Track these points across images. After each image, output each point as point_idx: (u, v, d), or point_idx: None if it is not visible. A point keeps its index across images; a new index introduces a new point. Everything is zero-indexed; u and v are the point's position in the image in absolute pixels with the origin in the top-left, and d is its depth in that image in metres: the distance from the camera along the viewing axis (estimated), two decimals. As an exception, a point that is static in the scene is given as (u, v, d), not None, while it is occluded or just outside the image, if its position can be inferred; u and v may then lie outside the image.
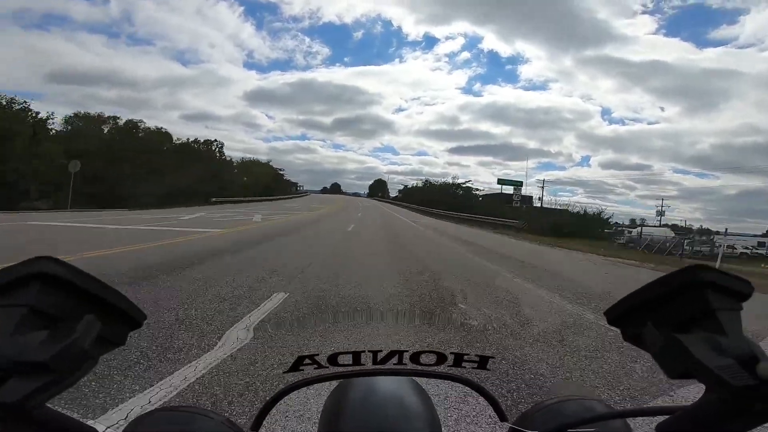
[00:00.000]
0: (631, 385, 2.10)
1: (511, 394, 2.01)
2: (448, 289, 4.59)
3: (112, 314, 0.28)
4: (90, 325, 0.25)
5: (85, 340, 0.24)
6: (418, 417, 0.44)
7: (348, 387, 0.49)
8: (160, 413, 0.39)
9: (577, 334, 2.95)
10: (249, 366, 2.28)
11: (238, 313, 3.15)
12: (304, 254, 6.83)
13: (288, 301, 3.62)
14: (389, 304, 3.75)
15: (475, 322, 3.24)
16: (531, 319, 3.41)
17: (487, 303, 4.03)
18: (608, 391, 2.04)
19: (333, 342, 2.67)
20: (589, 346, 2.62)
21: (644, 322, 0.29)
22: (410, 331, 2.99)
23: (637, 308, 0.30)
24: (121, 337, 0.29)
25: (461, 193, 44.05)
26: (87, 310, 0.26)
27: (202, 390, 2.00)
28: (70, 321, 0.25)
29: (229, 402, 1.88)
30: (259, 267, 5.19)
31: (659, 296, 0.29)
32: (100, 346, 0.27)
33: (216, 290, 3.81)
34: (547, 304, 4.29)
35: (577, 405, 0.42)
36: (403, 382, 0.50)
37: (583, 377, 2.23)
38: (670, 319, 0.29)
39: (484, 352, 2.14)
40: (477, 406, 1.74)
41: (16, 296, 0.25)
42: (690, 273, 0.28)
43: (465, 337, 2.91)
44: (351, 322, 3.17)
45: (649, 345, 0.29)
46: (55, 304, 0.25)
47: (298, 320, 3.16)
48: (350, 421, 0.43)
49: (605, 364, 2.37)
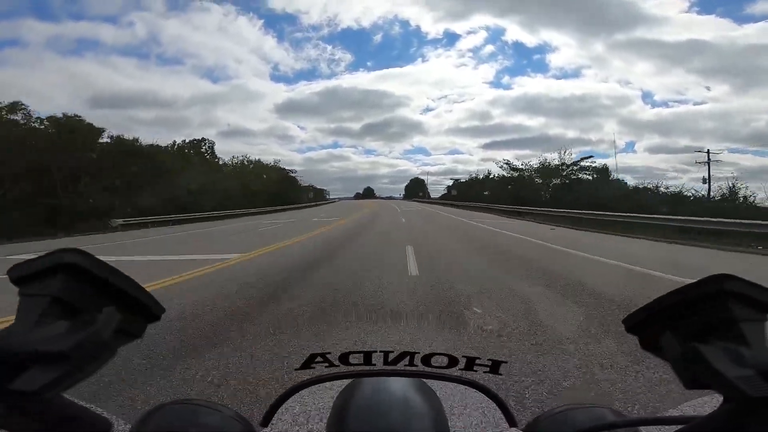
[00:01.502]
0: (646, 394, 2.04)
1: (522, 399, 1.98)
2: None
3: (131, 307, 0.29)
4: (110, 316, 0.26)
5: (105, 331, 0.25)
6: (426, 419, 0.44)
7: (358, 386, 0.49)
8: (170, 406, 0.40)
9: (595, 340, 2.88)
10: (261, 361, 2.31)
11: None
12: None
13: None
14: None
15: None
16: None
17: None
18: (622, 400, 1.99)
19: (346, 341, 2.67)
20: (603, 353, 2.56)
21: (663, 331, 0.29)
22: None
23: (656, 316, 0.30)
24: (139, 329, 0.30)
25: (594, 180, 25.12)
26: (108, 302, 0.27)
27: (214, 384, 2.03)
28: (91, 312, 0.26)
29: (240, 396, 1.91)
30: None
31: (680, 305, 0.28)
32: (119, 338, 0.28)
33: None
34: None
35: (588, 413, 0.41)
36: (413, 384, 0.50)
37: (596, 385, 2.18)
38: (690, 328, 0.28)
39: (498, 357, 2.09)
40: (487, 410, 1.72)
41: (41, 286, 0.26)
42: (714, 282, 0.27)
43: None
44: (366, 322, 3.15)
45: (667, 354, 0.28)
46: (78, 295, 0.26)
47: (311, 319, 3.18)
48: (358, 420, 0.44)
49: (620, 373, 2.31)
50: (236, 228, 15.65)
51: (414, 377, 0.49)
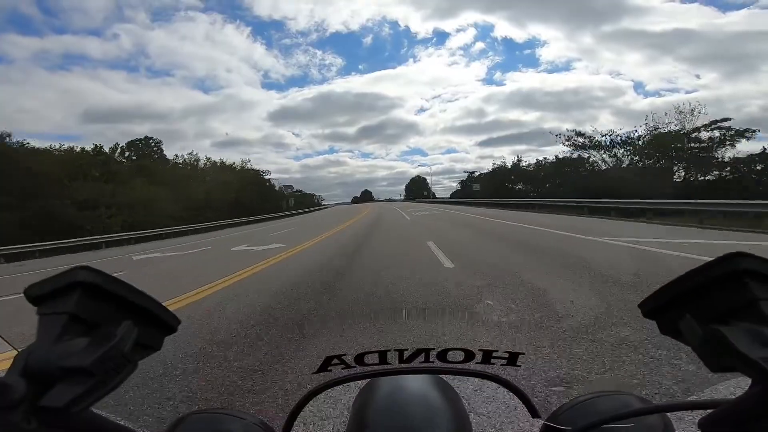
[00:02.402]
0: (670, 379, 2.00)
1: (543, 390, 1.96)
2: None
3: (147, 320, 0.29)
4: (128, 330, 0.26)
5: (124, 345, 0.26)
6: (446, 415, 0.44)
7: (376, 386, 0.49)
8: (195, 416, 0.40)
9: (614, 327, 2.85)
10: (279, 366, 2.33)
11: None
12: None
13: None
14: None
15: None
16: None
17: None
18: (647, 386, 1.95)
19: (360, 342, 2.69)
20: (626, 340, 2.52)
21: (682, 314, 0.28)
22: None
23: (673, 299, 0.29)
24: (157, 341, 0.31)
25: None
26: (124, 317, 0.27)
27: (234, 391, 2.06)
28: (109, 327, 0.26)
29: (261, 403, 1.93)
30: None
31: (697, 286, 0.27)
32: (139, 352, 0.28)
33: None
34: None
35: (613, 400, 0.40)
36: (431, 381, 0.50)
37: (619, 372, 2.15)
38: (709, 310, 0.27)
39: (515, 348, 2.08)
40: (508, 403, 1.71)
41: (57, 305, 0.26)
42: (730, 261, 0.26)
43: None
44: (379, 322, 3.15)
45: (688, 338, 0.27)
46: (95, 311, 0.27)
47: (323, 320, 3.20)
48: (378, 420, 0.44)
49: (642, 358, 2.27)
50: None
51: (431, 374, 0.48)
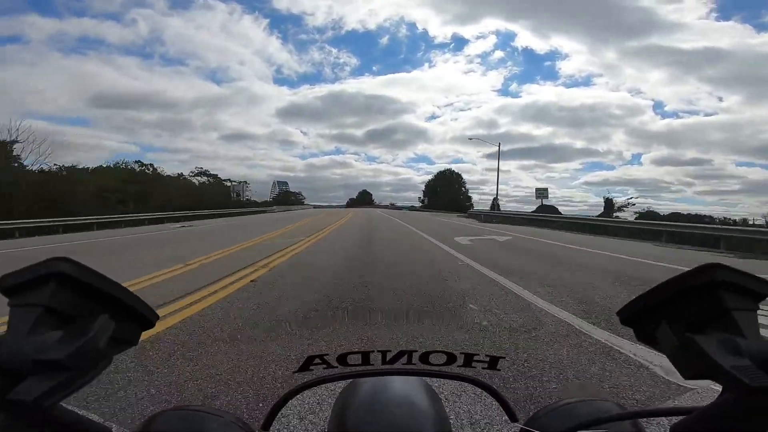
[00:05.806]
0: (646, 386, 2.06)
1: (522, 394, 1.99)
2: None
3: (125, 314, 0.29)
4: (104, 324, 0.26)
5: (99, 339, 0.25)
6: (427, 417, 0.44)
7: (357, 387, 0.49)
8: (171, 412, 0.39)
9: (589, 334, 2.91)
10: (259, 365, 2.30)
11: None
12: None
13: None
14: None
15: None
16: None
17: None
18: (621, 393, 2.00)
19: (342, 342, 2.68)
20: (603, 347, 2.58)
21: (658, 322, 0.29)
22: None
23: (650, 308, 0.30)
24: (134, 336, 0.30)
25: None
26: (101, 310, 0.27)
27: (213, 389, 2.02)
28: (84, 320, 0.26)
29: (240, 401, 1.90)
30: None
31: (673, 295, 0.28)
32: (115, 346, 0.27)
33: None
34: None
35: (589, 406, 0.41)
36: (413, 382, 0.50)
37: (595, 378, 2.20)
38: (684, 318, 0.28)
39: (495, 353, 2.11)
40: (488, 406, 1.73)
41: (32, 296, 0.25)
42: (707, 272, 0.27)
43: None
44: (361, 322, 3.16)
45: (663, 346, 0.28)
46: (70, 303, 0.26)
47: (306, 319, 3.17)
48: (359, 420, 0.44)
49: (617, 366, 2.33)
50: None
51: (412, 375, 0.49)
